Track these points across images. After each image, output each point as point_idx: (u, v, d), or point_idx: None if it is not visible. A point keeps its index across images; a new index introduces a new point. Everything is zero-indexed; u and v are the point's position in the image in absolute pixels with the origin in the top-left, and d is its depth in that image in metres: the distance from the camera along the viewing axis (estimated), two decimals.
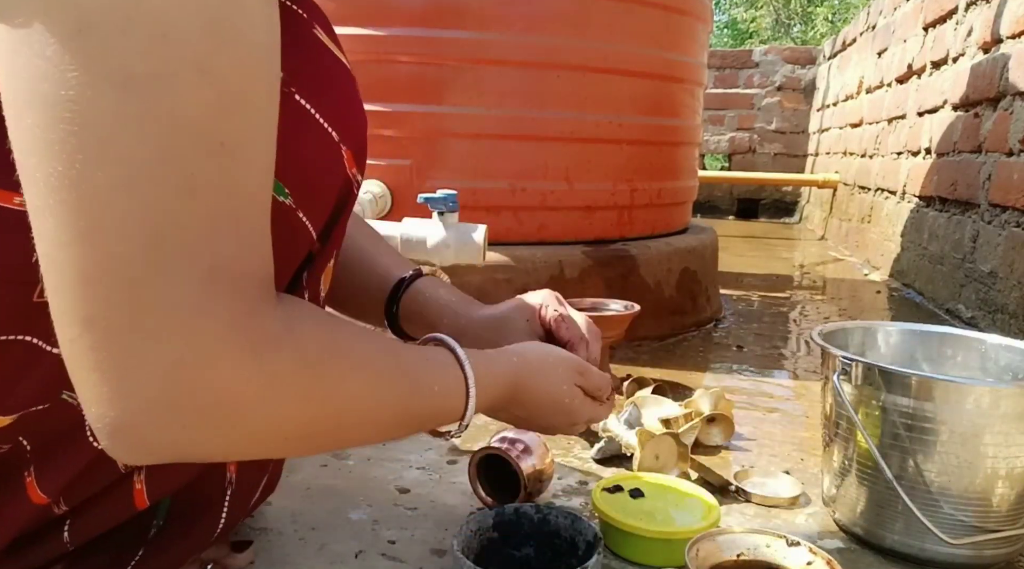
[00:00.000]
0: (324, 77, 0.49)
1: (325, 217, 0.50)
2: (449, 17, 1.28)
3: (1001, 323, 1.51)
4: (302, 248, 0.49)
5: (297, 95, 0.46)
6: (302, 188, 0.47)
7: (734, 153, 4.29)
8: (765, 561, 0.61)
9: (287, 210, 0.46)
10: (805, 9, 10.44)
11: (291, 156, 0.45)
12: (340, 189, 0.51)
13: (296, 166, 0.46)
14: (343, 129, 0.49)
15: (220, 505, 0.56)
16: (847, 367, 0.69)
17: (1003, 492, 0.65)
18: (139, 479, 0.51)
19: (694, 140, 1.71)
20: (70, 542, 0.52)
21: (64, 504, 0.50)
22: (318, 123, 0.47)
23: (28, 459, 0.48)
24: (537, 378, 0.62)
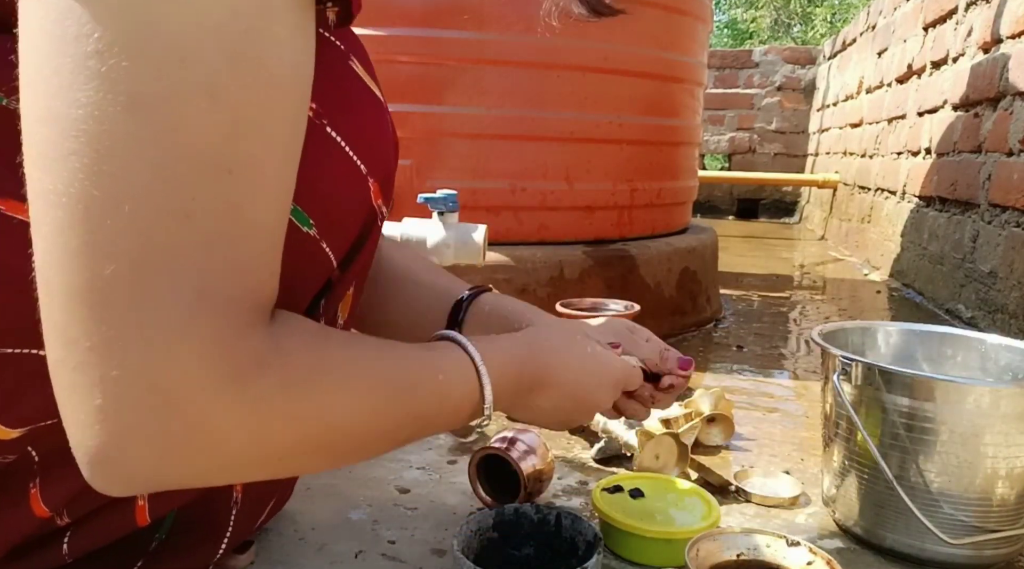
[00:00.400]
0: (356, 110, 0.49)
1: (347, 246, 0.50)
2: (449, 17, 1.28)
3: (1001, 323, 1.51)
4: (321, 276, 0.49)
5: (328, 126, 0.46)
6: (326, 219, 0.47)
7: (734, 153, 4.28)
8: (765, 561, 0.61)
9: (310, 240, 0.46)
10: (805, 10, 10.44)
11: (317, 187, 0.45)
12: (364, 220, 0.51)
13: (322, 197, 0.46)
14: (371, 161, 0.49)
15: (225, 524, 0.56)
16: (847, 367, 0.69)
17: (1003, 492, 0.65)
18: (142, 497, 0.51)
19: (694, 140, 1.71)
20: (68, 554, 0.51)
21: (67, 516, 0.50)
22: (347, 155, 0.47)
23: (35, 471, 0.48)
24: (553, 341, 0.58)
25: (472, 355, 0.52)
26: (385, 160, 0.52)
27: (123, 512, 0.51)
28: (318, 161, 0.43)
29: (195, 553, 0.56)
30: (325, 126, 0.46)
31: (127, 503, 0.51)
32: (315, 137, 0.43)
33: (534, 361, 0.56)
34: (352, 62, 0.49)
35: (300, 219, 0.45)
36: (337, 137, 0.47)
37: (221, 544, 0.56)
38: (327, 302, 0.52)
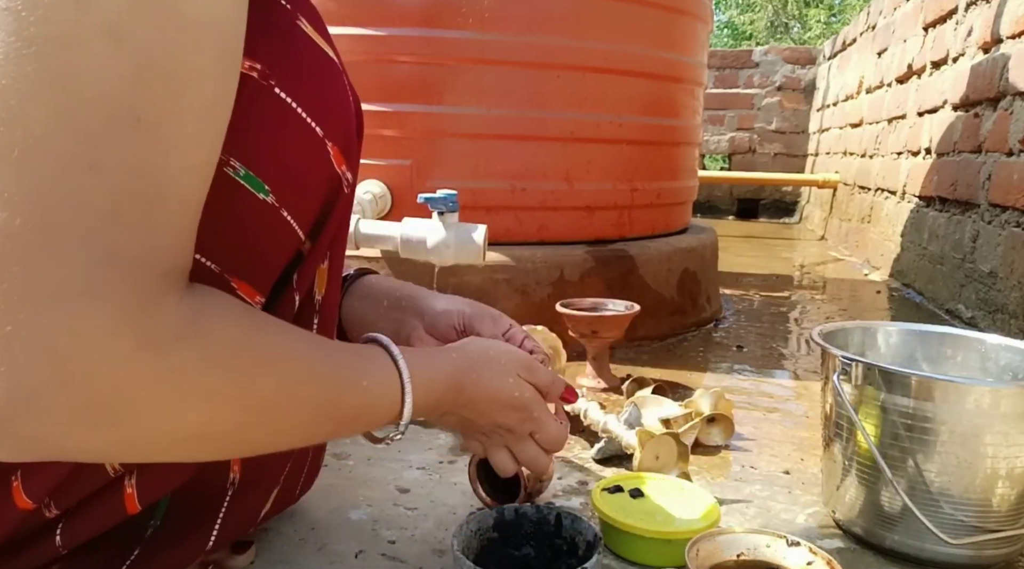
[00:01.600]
0: (307, 70, 0.47)
1: (313, 215, 0.49)
2: (449, 17, 1.28)
3: (1001, 323, 1.51)
4: (287, 247, 0.49)
5: (277, 88, 0.45)
6: (284, 185, 0.46)
7: (734, 153, 4.28)
8: (765, 561, 0.61)
9: (268, 208, 0.46)
10: (802, 11, 10.45)
11: (270, 152, 0.44)
12: (327, 186, 0.49)
13: (276, 162, 0.45)
14: (328, 124, 0.48)
15: (219, 507, 0.55)
16: (847, 367, 0.69)
17: (1003, 492, 0.65)
18: (130, 483, 0.50)
19: (694, 140, 1.71)
20: (62, 546, 0.51)
21: (54, 508, 0.49)
22: (300, 118, 0.46)
23: (16, 463, 0.48)
24: (480, 371, 0.58)
25: (401, 370, 0.51)
26: (345, 123, 0.50)
27: (112, 500, 0.50)
28: (270, 125, 0.41)
29: (190, 539, 0.55)
30: (273, 87, 0.44)
31: (116, 491, 0.50)
32: (264, 99, 0.41)
33: (459, 385, 0.57)
34: (300, 21, 0.47)
35: (255, 186, 0.44)
36: (288, 99, 0.45)
37: (214, 527, 0.55)
38: (299, 275, 0.51)
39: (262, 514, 0.59)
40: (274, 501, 0.60)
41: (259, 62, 0.44)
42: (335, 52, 0.51)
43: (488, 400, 0.59)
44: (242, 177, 0.45)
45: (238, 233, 0.46)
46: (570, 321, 1.14)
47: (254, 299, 0.49)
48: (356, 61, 1.20)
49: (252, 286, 0.48)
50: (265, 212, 0.46)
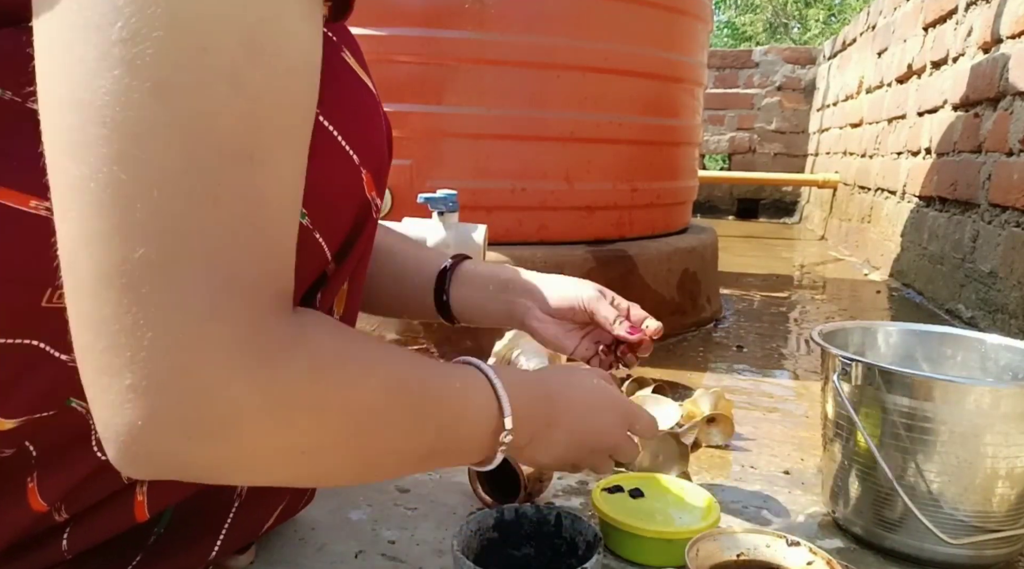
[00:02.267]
0: (348, 100, 0.49)
1: (341, 238, 0.50)
2: (449, 17, 1.28)
3: (1001, 323, 1.51)
4: (315, 268, 0.50)
5: (320, 117, 0.46)
6: (319, 209, 0.47)
7: (734, 153, 4.28)
8: (765, 561, 0.61)
9: (303, 230, 0.46)
10: (801, 12, 10.45)
11: (312, 177, 0.45)
12: (357, 211, 0.51)
13: (315, 187, 0.46)
14: (364, 152, 0.50)
15: (224, 518, 0.55)
16: (847, 367, 0.69)
17: (1003, 492, 0.65)
18: (141, 491, 0.50)
19: (694, 140, 1.71)
20: (68, 550, 0.51)
21: (65, 512, 0.50)
22: (340, 145, 0.48)
23: (32, 465, 0.48)
24: (568, 383, 0.60)
25: (488, 375, 0.53)
26: (378, 151, 0.52)
27: (122, 507, 0.51)
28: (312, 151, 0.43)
29: (193, 547, 0.55)
30: (319, 116, 0.46)
31: (126, 498, 0.50)
32: None
33: (548, 402, 0.58)
34: (345, 54, 0.49)
35: None
36: (331, 127, 0.47)
37: (218, 538, 0.55)
38: (323, 295, 0.52)
39: (265, 527, 0.59)
40: (278, 515, 0.60)
41: None
42: (372, 82, 0.52)
43: (583, 404, 0.60)
44: None
45: None
46: None
47: None
48: None
49: None
50: (301, 234, 0.47)
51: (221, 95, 0.34)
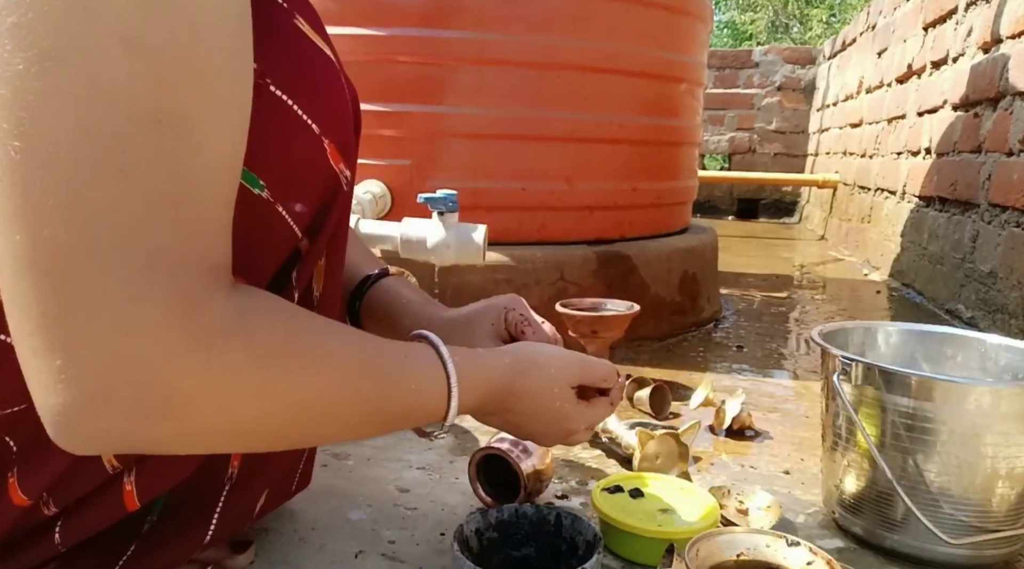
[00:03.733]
0: (304, 68, 0.47)
1: (310, 212, 0.49)
2: (449, 17, 1.28)
3: (1001, 323, 1.51)
4: (283, 243, 0.49)
5: (272, 86, 0.45)
6: (279, 181, 0.46)
7: (734, 153, 4.28)
8: (765, 561, 0.61)
9: (263, 203, 0.46)
10: (803, 11, 10.45)
11: (265, 148, 0.44)
12: (324, 183, 0.49)
13: (271, 158, 0.45)
14: (324, 121, 0.48)
15: (216, 502, 0.55)
16: (847, 367, 0.69)
17: (1003, 492, 0.65)
18: (129, 481, 0.50)
19: (694, 140, 1.71)
20: (61, 544, 0.51)
21: (53, 505, 0.49)
22: (295, 115, 0.46)
23: (13, 460, 0.48)
24: (524, 380, 0.58)
25: (449, 374, 0.52)
26: (342, 121, 0.50)
27: (111, 498, 0.50)
28: (264, 121, 0.41)
29: (187, 534, 0.55)
30: (269, 85, 0.44)
31: (115, 489, 0.50)
32: (259, 97, 0.42)
33: (506, 395, 0.57)
34: (297, 20, 0.47)
35: (249, 180, 0.44)
36: (283, 95, 0.45)
37: (211, 523, 0.55)
38: (299, 273, 0.51)
39: (257, 509, 0.59)
40: (269, 497, 0.60)
41: (255, 61, 0.45)
42: (333, 51, 0.51)
43: (530, 411, 0.59)
44: None
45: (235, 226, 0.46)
46: (570, 321, 1.14)
47: None
48: (356, 61, 1.20)
49: (247, 282, 0.48)
50: (260, 206, 0.46)
51: (113, 57, 0.32)
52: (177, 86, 0.34)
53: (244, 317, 0.39)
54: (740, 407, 0.99)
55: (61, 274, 0.33)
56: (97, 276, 0.33)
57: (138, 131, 0.33)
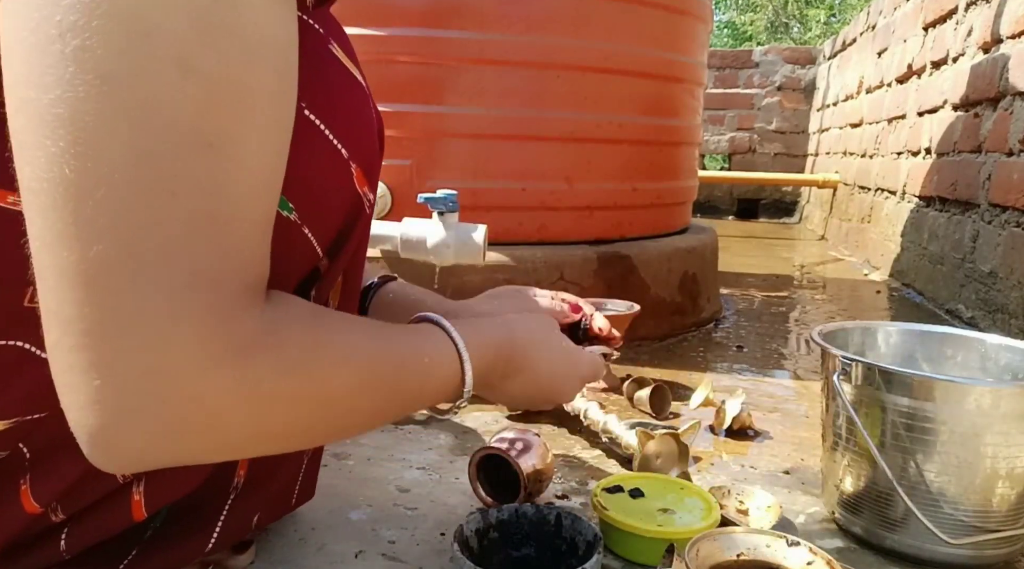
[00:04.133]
0: (336, 93, 0.48)
1: (332, 234, 0.50)
2: (449, 17, 1.28)
3: (1001, 323, 1.51)
4: (305, 263, 0.49)
5: (307, 110, 0.45)
6: (307, 203, 0.47)
7: (734, 153, 4.28)
8: (765, 561, 0.61)
9: (291, 225, 0.46)
10: (803, 11, 10.44)
11: (297, 171, 0.44)
12: (348, 206, 0.50)
13: (302, 181, 0.46)
14: (353, 146, 0.49)
15: (220, 510, 0.55)
16: (847, 367, 0.69)
17: (1003, 492, 0.65)
18: (138, 490, 0.50)
19: (694, 140, 1.71)
20: (66, 551, 0.51)
21: (61, 512, 0.49)
22: (327, 139, 0.47)
23: (26, 467, 0.48)
24: (524, 329, 0.61)
25: (455, 340, 0.54)
26: (369, 145, 0.51)
27: (119, 507, 0.50)
28: (296, 144, 0.42)
29: (189, 540, 0.55)
30: (304, 109, 0.45)
31: (123, 498, 0.50)
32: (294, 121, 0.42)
33: (512, 349, 0.60)
34: (332, 46, 0.48)
35: (280, 203, 0.45)
36: (316, 120, 0.46)
37: (214, 530, 0.55)
38: (317, 292, 0.51)
39: (256, 519, 0.59)
40: (270, 505, 0.60)
41: None
42: (363, 76, 0.52)
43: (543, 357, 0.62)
44: None
45: None
46: None
47: None
48: None
49: None
50: (288, 229, 0.46)
51: (170, 81, 0.33)
52: (228, 109, 0.35)
53: (273, 328, 0.39)
54: (740, 407, 0.99)
55: (107, 291, 0.34)
56: (142, 294, 0.34)
57: (190, 154, 0.34)
